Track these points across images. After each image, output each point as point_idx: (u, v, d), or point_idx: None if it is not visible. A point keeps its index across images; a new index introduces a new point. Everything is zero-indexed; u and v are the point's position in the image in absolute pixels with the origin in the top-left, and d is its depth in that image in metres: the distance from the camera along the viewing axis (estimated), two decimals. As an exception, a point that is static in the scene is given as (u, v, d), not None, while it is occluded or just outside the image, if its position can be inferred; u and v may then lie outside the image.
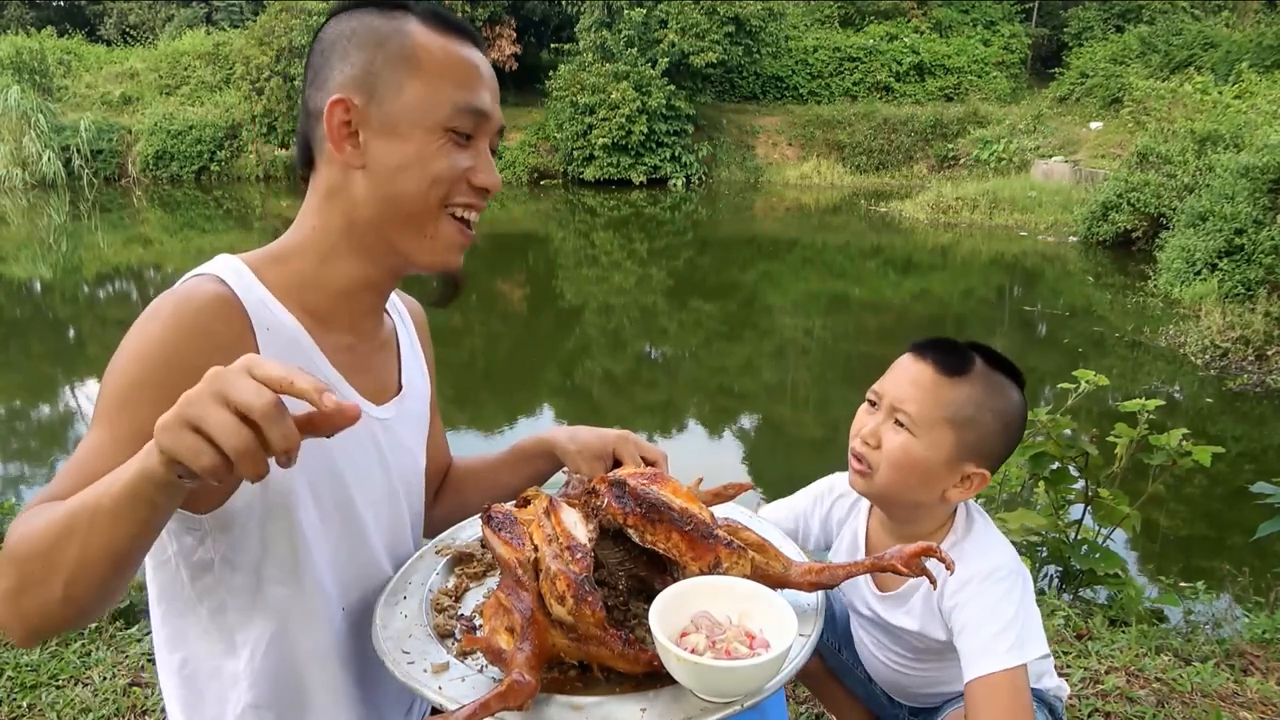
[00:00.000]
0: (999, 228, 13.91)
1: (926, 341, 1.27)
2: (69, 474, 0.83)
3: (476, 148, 0.99)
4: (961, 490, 1.25)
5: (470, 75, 0.98)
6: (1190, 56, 18.73)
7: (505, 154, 20.46)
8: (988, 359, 1.26)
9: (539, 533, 0.91)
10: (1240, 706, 2.09)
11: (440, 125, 0.95)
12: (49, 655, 2.27)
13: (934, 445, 1.22)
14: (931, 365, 1.23)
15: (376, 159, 0.95)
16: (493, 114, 1.00)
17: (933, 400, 1.22)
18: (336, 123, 0.95)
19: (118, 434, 0.83)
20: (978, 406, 1.22)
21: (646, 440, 1.19)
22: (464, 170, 0.97)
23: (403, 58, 0.95)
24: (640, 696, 0.85)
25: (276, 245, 1.02)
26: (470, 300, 10.38)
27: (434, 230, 0.98)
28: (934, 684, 1.41)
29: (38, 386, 7.10)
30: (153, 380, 0.85)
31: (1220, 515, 4.41)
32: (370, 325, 1.08)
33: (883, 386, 1.28)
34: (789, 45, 23.02)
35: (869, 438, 1.25)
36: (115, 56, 23.36)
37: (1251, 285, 7.62)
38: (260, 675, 0.97)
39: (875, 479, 1.25)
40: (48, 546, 0.74)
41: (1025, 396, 1.28)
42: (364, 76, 0.95)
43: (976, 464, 1.24)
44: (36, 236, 14.16)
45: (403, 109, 0.94)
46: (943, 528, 1.31)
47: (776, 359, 8.17)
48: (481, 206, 1.02)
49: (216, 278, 0.93)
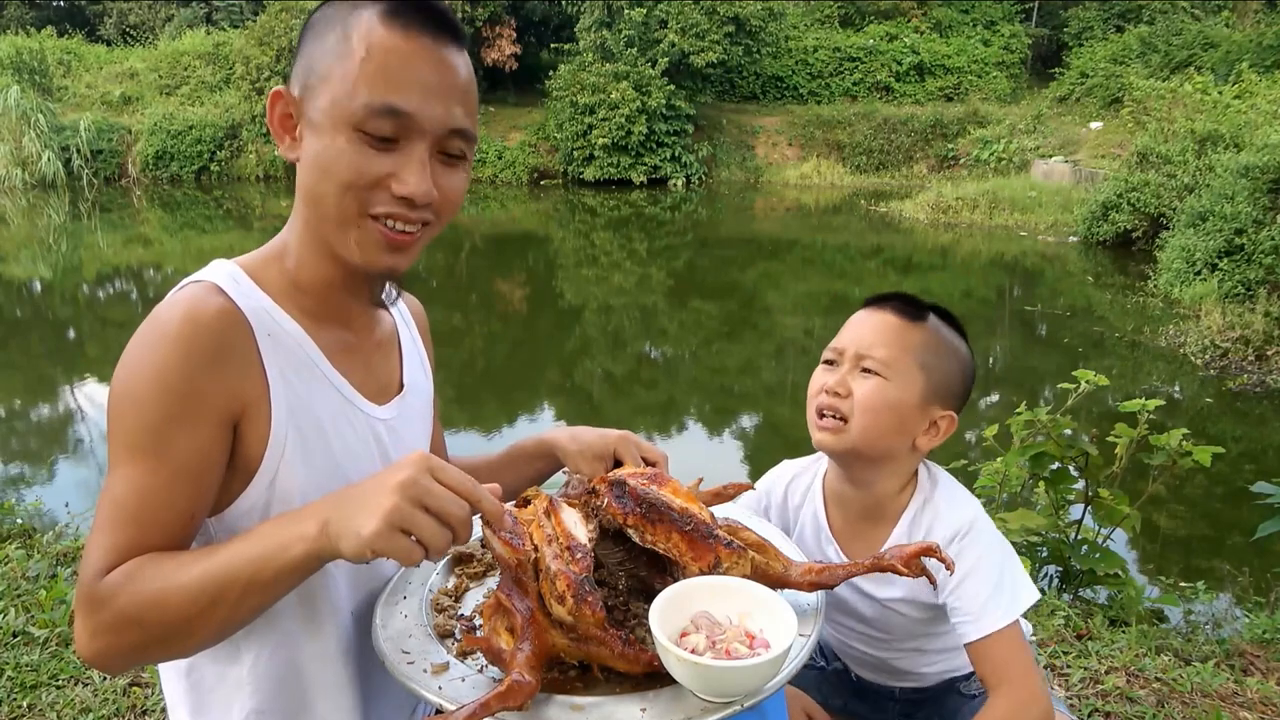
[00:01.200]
0: (999, 228, 13.91)
1: (881, 295, 1.31)
2: (131, 522, 0.85)
3: (405, 152, 0.90)
4: (930, 437, 1.27)
5: (398, 72, 0.88)
6: (1190, 56, 18.73)
7: (505, 154, 20.47)
8: (938, 311, 1.31)
9: (539, 533, 0.91)
10: (1240, 706, 2.09)
11: (350, 124, 0.88)
12: (49, 655, 2.27)
13: (906, 386, 1.24)
14: (892, 312, 1.27)
15: (305, 154, 0.92)
16: (422, 116, 0.89)
17: (899, 343, 1.25)
18: (277, 115, 0.94)
19: (166, 470, 0.85)
20: (937, 352, 1.27)
21: (646, 441, 1.19)
22: (380, 176, 0.89)
23: (335, 49, 0.89)
24: (640, 696, 0.85)
25: (269, 246, 1.01)
26: (470, 300, 10.39)
27: (357, 235, 0.93)
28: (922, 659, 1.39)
29: (38, 386, 7.10)
30: (183, 413, 0.86)
31: (1220, 515, 4.41)
32: (365, 321, 1.08)
33: (841, 342, 1.29)
34: (789, 45, 23.04)
35: (837, 387, 1.25)
36: (115, 56, 23.37)
37: (1251, 285, 7.62)
38: (263, 680, 0.96)
39: (849, 429, 1.24)
40: (190, 613, 0.81)
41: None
42: (303, 67, 0.92)
43: (943, 406, 1.27)
44: (36, 236, 14.16)
45: (323, 103, 0.89)
46: (906, 487, 1.31)
47: (776, 359, 8.17)
48: (409, 217, 0.92)
49: (215, 287, 0.91)
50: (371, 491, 0.78)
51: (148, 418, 0.85)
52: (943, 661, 1.39)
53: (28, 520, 3.62)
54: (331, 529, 0.79)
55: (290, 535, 0.80)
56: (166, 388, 0.85)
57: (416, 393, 1.15)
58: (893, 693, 1.46)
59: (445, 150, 0.93)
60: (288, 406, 0.93)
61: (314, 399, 0.96)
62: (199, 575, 0.81)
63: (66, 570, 2.79)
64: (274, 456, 0.92)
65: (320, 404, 0.97)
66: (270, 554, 0.80)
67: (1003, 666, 1.16)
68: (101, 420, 6.00)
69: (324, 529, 0.79)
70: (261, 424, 0.91)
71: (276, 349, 0.93)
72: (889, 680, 1.45)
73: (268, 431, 0.91)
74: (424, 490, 0.77)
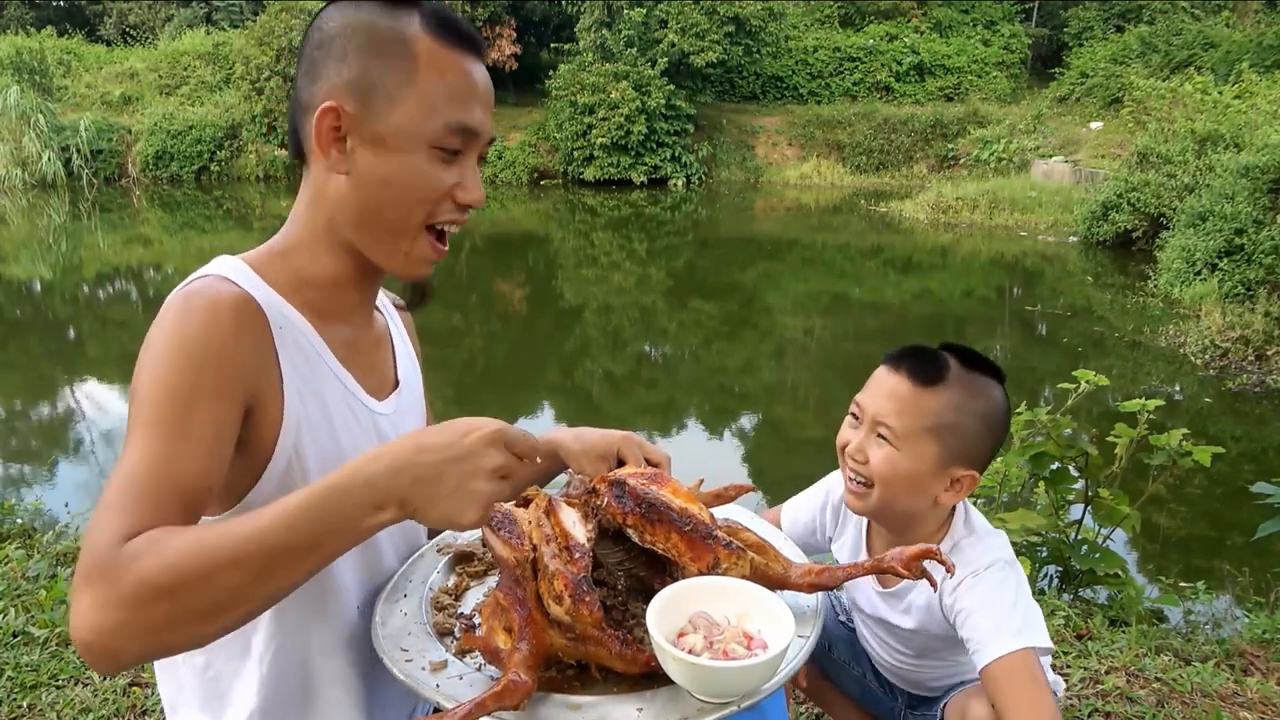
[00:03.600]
0: (999, 228, 13.90)
1: (900, 352, 1.27)
2: (149, 493, 0.79)
3: (463, 162, 0.97)
4: (952, 493, 1.26)
5: (466, 91, 0.95)
6: (1190, 56, 18.72)
7: (505, 154, 20.46)
8: (964, 360, 1.25)
9: (537, 532, 0.91)
10: (1240, 706, 2.09)
11: (429, 143, 0.93)
12: (49, 655, 2.27)
13: (918, 456, 1.22)
14: (907, 377, 1.23)
15: (362, 169, 0.94)
16: (483, 130, 0.97)
17: (912, 412, 1.22)
18: (326, 128, 0.94)
19: (189, 442, 0.83)
20: (958, 411, 1.22)
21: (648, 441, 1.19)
22: (449, 188, 0.96)
23: (401, 70, 0.92)
24: (637, 696, 0.85)
25: (273, 242, 1.02)
26: (470, 300, 10.39)
27: (409, 246, 0.98)
28: (940, 678, 1.42)
29: (38, 386, 7.10)
30: (208, 385, 0.85)
31: (1220, 515, 4.41)
32: (363, 318, 1.10)
33: (863, 400, 1.28)
34: (789, 45, 23.03)
35: (856, 454, 1.26)
36: (115, 56, 23.35)
37: (1251, 285, 7.62)
38: (269, 676, 0.96)
39: (872, 494, 1.25)
40: (236, 583, 0.74)
41: (1006, 393, 1.27)
42: (359, 83, 0.93)
43: (964, 467, 1.24)
44: (36, 236, 14.16)
45: (394, 123, 0.92)
46: (941, 529, 1.31)
47: (776, 359, 8.17)
48: (464, 221, 1.01)
49: (225, 278, 0.92)
50: (455, 471, 0.78)
51: (171, 389, 0.84)
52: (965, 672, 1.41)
53: (28, 520, 3.62)
54: (417, 510, 0.78)
55: (357, 509, 0.76)
56: (190, 360, 0.85)
57: (410, 389, 1.17)
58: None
59: (482, 155, 1.01)
60: (300, 398, 0.94)
61: (322, 391, 0.98)
62: (248, 543, 0.74)
63: (66, 570, 2.78)
64: (287, 444, 0.92)
65: (328, 396, 0.99)
66: (336, 527, 0.76)
67: (1008, 694, 1.12)
68: (101, 421, 6.02)
69: (403, 507, 0.77)
70: (274, 410, 0.92)
71: (288, 340, 0.94)
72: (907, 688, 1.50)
73: (280, 419, 0.92)
74: (510, 470, 0.81)
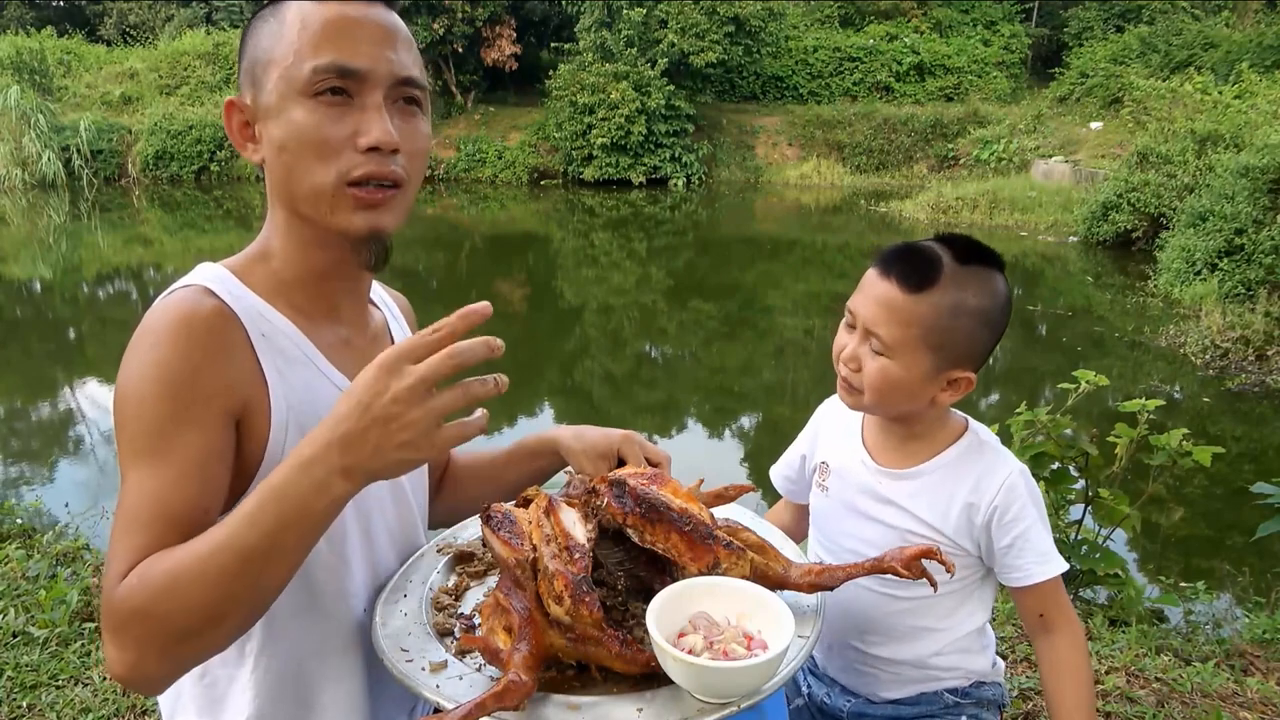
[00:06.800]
0: (999, 228, 13.91)
1: (890, 254, 1.21)
2: (144, 526, 0.82)
3: (360, 106, 0.91)
4: (950, 394, 1.23)
5: (337, 31, 0.90)
6: (1190, 56, 18.72)
7: (505, 154, 20.47)
8: (959, 253, 1.19)
9: (537, 532, 0.91)
10: (1240, 706, 2.09)
11: (301, 93, 0.89)
12: (49, 655, 2.27)
13: (911, 365, 1.19)
14: (897, 282, 1.18)
15: (268, 145, 0.94)
16: (369, 67, 0.90)
17: (902, 320, 1.17)
18: (235, 124, 0.95)
19: (173, 470, 0.83)
20: (952, 314, 1.17)
21: (647, 440, 1.19)
22: (344, 137, 0.90)
23: (272, 34, 0.92)
24: (637, 697, 0.84)
25: (250, 249, 1.02)
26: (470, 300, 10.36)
27: (330, 205, 0.93)
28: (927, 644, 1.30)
29: (38, 386, 7.10)
30: (185, 410, 0.85)
31: (1220, 515, 4.41)
32: (356, 314, 1.08)
33: (854, 305, 1.24)
34: (789, 45, 23.03)
35: (849, 362, 1.24)
36: (115, 56, 23.37)
37: (1251, 285, 7.62)
38: (264, 680, 0.96)
39: (864, 399, 1.24)
40: (210, 597, 0.77)
41: (1006, 280, 1.21)
42: (249, 70, 0.94)
43: (961, 368, 1.21)
44: (36, 236, 14.17)
45: (271, 87, 0.91)
46: (947, 424, 1.30)
47: (776, 359, 8.17)
48: (383, 173, 0.92)
49: (205, 290, 0.91)
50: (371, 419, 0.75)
51: (150, 420, 0.85)
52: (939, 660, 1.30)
53: (28, 520, 3.63)
54: (367, 472, 0.76)
55: (305, 493, 0.77)
56: (166, 387, 0.85)
57: None
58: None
59: (399, 99, 0.94)
60: (287, 403, 0.93)
61: (313, 395, 0.96)
62: (209, 555, 0.77)
63: (66, 570, 2.79)
64: (276, 450, 0.91)
65: (320, 400, 0.97)
66: (292, 517, 0.77)
67: (1065, 606, 1.25)
68: (101, 420, 6.02)
69: (348, 476, 0.76)
70: (261, 422, 0.91)
71: (271, 347, 0.93)
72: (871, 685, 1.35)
73: (267, 430, 0.91)
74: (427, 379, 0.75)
